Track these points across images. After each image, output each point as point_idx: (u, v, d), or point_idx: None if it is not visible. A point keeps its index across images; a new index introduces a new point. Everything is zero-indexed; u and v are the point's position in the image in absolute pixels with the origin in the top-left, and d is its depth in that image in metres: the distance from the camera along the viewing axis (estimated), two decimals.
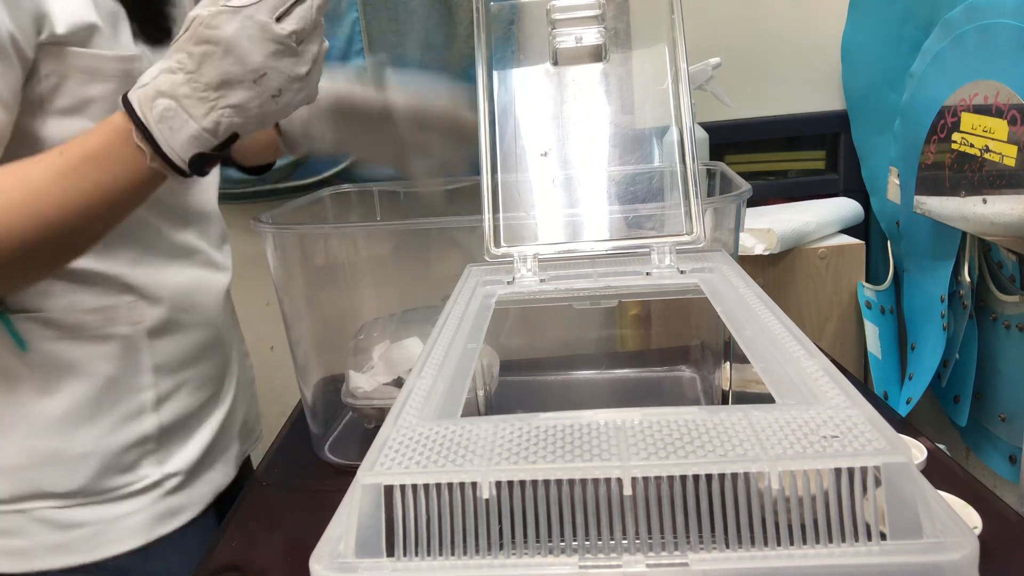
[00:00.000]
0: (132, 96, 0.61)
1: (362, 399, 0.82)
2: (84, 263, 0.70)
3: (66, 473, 0.72)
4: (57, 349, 0.71)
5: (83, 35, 0.65)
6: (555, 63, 0.71)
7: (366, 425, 0.86)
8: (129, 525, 0.75)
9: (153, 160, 0.61)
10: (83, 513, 0.73)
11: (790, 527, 0.30)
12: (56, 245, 0.62)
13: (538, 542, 0.32)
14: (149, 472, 0.76)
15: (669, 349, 0.87)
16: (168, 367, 0.78)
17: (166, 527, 0.77)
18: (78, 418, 0.72)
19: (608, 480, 0.32)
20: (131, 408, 0.75)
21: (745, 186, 0.74)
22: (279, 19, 0.60)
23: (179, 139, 0.60)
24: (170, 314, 0.78)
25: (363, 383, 0.83)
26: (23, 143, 0.64)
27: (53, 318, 0.71)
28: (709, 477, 0.31)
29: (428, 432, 0.36)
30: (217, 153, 0.63)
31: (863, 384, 1.34)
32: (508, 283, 0.62)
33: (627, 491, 0.31)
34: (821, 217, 1.40)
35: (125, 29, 0.69)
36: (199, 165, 0.62)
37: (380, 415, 0.84)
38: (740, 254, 1.32)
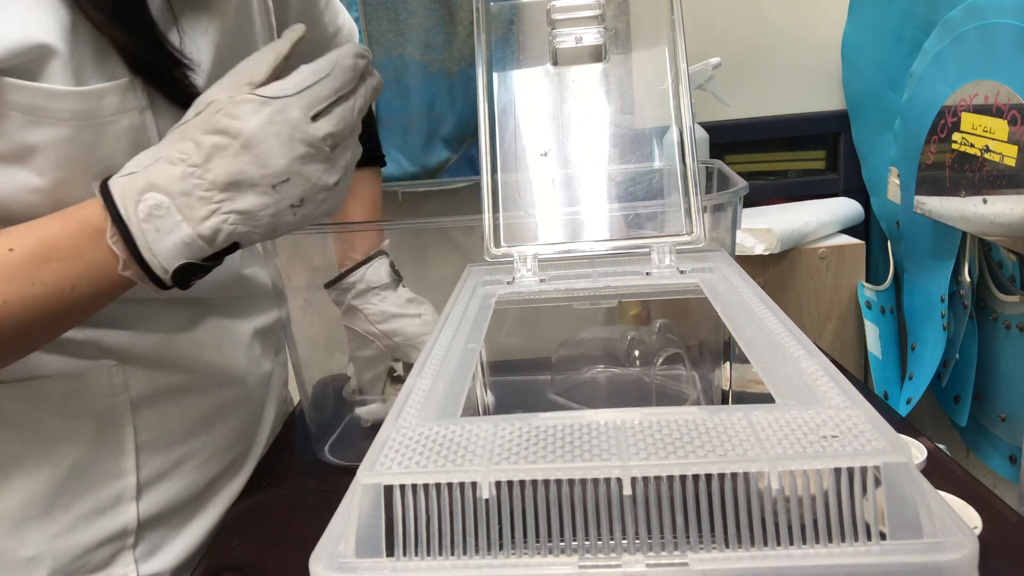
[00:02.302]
0: (114, 185, 0.49)
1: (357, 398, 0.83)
2: None
3: None
4: (12, 428, 0.58)
5: (27, 61, 0.48)
6: (555, 63, 0.71)
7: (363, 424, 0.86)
8: None
9: (127, 268, 0.50)
10: None
11: (790, 527, 0.30)
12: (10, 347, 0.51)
13: (538, 542, 0.32)
14: (124, 571, 0.64)
15: (688, 348, 0.87)
16: (161, 442, 0.65)
17: None
18: (31, 512, 0.59)
19: (608, 480, 0.32)
20: (103, 499, 0.62)
21: (741, 183, 0.74)
22: (315, 118, 0.51)
23: (165, 244, 0.49)
24: (170, 379, 0.65)
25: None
26: None
27: (10, 390, 0.58)
28: (709, 477, 0.31)
29: (428, 432, 0.36)
30: (208, 264, 0.52)
31: (863, 384, 1.34)
32: (508, 283, 0.62)
33: (627, 491, 0.31)
34: (821, 217, 1.40)
35: (109, 57, 0.52)
36: (183, 277, 0.51)
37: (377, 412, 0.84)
38: (740, 254, 1.33)
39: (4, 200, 0.51)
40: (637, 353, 0.86)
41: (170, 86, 0.55)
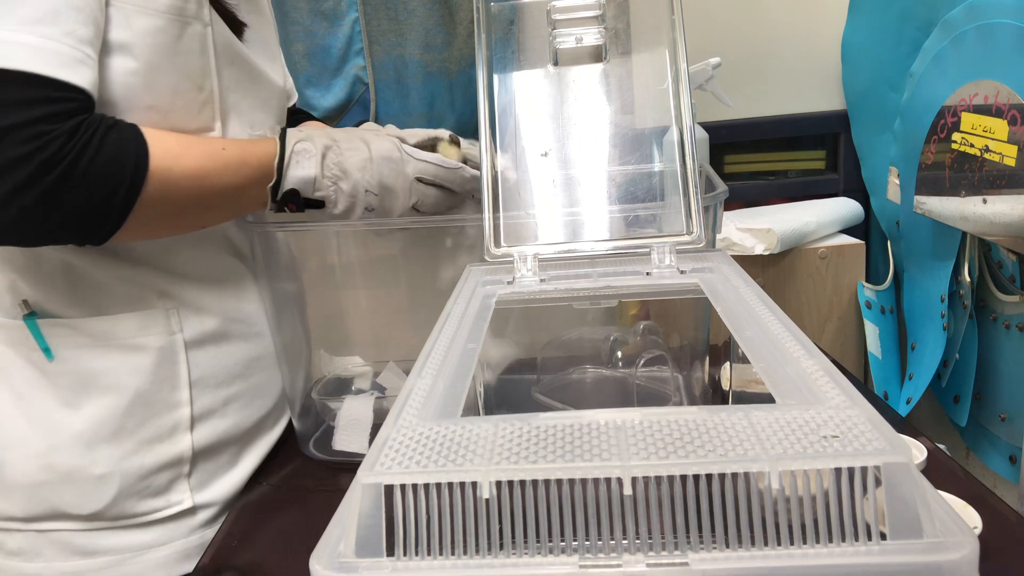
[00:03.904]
0: (289, 131, 0.70)
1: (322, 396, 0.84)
2: (120, 266, 0.68)
3: (84, 494, 0.68)
4: (83, 358, 0.68)
5: None
6: (555, 63, 0.71)
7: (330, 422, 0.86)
8: (154, 558, 0.71)
9: (270, 181, 0.68)
10: (104, 539, 0.69)
11: (790, 527, 0.30)
12: (190, 216, 0.66)
13: (538, 542, 0.32)
14: (181, 498, 0.72)
15: (669, 349, 0.88)
16: (211, 381, 0.74)
17: (194, 566, 0.70)
18: (100, 435, 0.68)
19: (608, 480, 0.32)
20: (162, 426, 0.71)
21: (722, 187, 0.74)
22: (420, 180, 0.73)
23: (296, 172, 0.68)
24: (217, 324, 0.74)
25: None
26: None
27: (82, 325, 0.68)
28: (709, 477, 0.31)
29: (428, 432, 0.36)
30: (300, 203, 0.71)
31: (863, 384, 1.34)
32: (508, 283, 0.62)
33: (627, 491, 0.31)
34: (821, 217, 1.40)
35: None
36: (291, 200, 0.70)
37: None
38: (740, 254, 1.33)
39: (109, 83, 0.62)
40: (620, 354, 0.86)
41: (224, 12, 0.70)
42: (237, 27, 0.72)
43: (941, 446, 0.78)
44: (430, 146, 0.77)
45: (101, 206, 0.59)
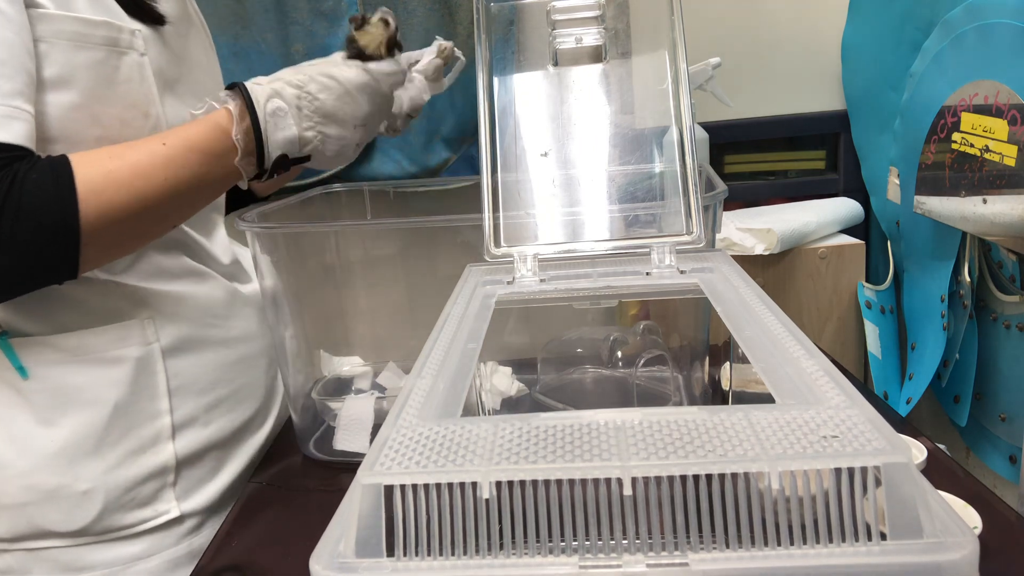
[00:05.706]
0: (249, 85, 0.66)
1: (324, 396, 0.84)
2: (91, 280, 0.67)
3: (70, 511, 0.67)
4: (59, 375, 0.67)
5: None
6: (555, 64, 0.71)
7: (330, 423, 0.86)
8: (144, 569, 0.70)
9: (243, 157, 0.66)
10: (93, 553, 0.69)
11: (790, 527, 0.30)
12: (149, 222, 0.64)
13: (538, 542, 0.32)
14: (167, 508, 0.72)
15: (669, 349, 0.88)
16: (191, 388, 0.73)
17: (186, 573, 0.70)
18: (82, 451, 0.68)
19: (608, 480, 0.32)
20: (144, 437, 0.70)
21: (722, 187, 0.74)
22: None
23: (277, 137, 0.66)
24: (193, 331, 0.74)
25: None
26: None
27: (56, 341, 0.67)
28: (709, 477, 0.31)
29: (428, 432, 0.36)
30: (291, 162, 0.69)
31: (863, 384, 1.34)
32: (508, 283, 0.62)
33: (627, 491, 0.31)
34: (821, 217, 1.40)
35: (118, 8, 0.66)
36: (279, 166, 0.68)
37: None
38: (740, 254, 1.33)
39: (52, 119, 0.62)
40: (620, 354, 0.87)
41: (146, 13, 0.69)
42: (158, 20, 0.70)
43: (941, 446, 0.78)
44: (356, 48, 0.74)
45: (46, 254, 0.58)
